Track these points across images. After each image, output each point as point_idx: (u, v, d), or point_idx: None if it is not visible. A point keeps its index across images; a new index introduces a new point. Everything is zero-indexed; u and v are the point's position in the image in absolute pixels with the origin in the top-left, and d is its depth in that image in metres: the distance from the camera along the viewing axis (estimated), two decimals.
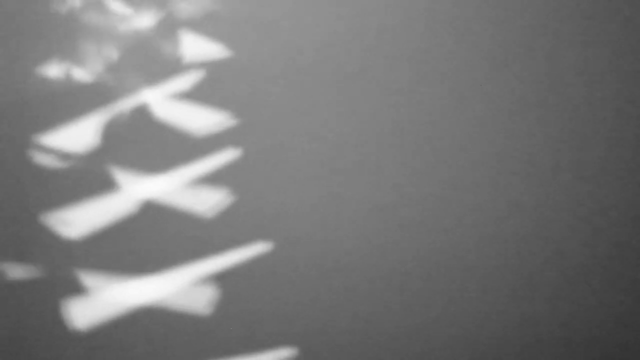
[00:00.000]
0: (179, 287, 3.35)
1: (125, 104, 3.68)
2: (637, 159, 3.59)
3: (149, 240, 3.44)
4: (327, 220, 3.50)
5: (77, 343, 3.30)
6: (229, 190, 3.52)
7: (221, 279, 3.36)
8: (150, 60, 3.75)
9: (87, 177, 3.54)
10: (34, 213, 3.46)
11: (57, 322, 3.32)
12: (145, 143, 3.61)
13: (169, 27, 3.80)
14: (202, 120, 3.63)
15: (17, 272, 3.37)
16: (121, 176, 3.54)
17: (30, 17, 3.80)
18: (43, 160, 3.56)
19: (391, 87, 3.74)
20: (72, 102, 3.68)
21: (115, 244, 3.43)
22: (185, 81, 3.70)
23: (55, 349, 3.30)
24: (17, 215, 3.46)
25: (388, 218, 3.50)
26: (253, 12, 3.83)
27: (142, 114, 3.68)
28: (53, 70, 3.71)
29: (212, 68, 3.73)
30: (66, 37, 3.77)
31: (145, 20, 3.81)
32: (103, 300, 3.32)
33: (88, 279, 3.36)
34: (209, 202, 3.48)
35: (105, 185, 3.53)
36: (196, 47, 3.77)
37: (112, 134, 3.63)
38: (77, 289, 3.36)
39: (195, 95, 3.71)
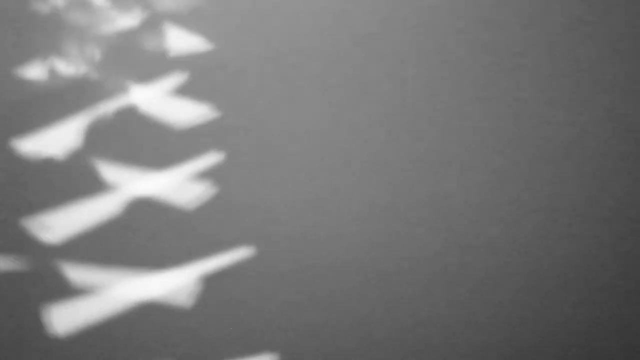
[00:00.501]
0: (162, 288, 3.34)
1: (108, 103, 3.66)
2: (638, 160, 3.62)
3: (131, 242, 3.42)
4: (313, 221, 3.49)
5: (59, 347, 3.29)
6: (213, 186, 3.51)
7: (216, 278, 3.34)
8: (135, 57, 3.76)
9: (70, 179, 3.52)
10: (14, 217, 3.45)
11: (39, 326, 3.30)
12: (129, 142, 3.59)
13: (153, 23, 3.81)
14: (187, 116, 3.63)
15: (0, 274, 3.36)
16: (105, 176, 3.52)
17: (10, 15, 3.79)
18: (24, 163, 3.54)
19: (378, 83, 3.73)
20: (54, 102, 3.66)
21: (99, 245, 3.41)
22: (169, 77, 3.71)
23: (37, 354, 3.29)
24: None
25: (376, 219, 3.49)
26: (237, 7, 3.84)
27: (126, 112, 3.65)
28: (35, 70, 3.71)
29: (197, 64, 3.73)
30: (48, 36, 3.77)
31: (128, 17, 3.81)
32: (85, 303, 3.31)
33: (70, 281, 3.34)
34: (193, 198, 3.47)
35: (89, 186, 3.51)
36: (180, 42, 3.78)
37: (96, 133, 3.60)
38: (59, 292, 3.33)
39: (180, 91, 3.70)
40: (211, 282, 3.36)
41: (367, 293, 3.38)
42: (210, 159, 3.57)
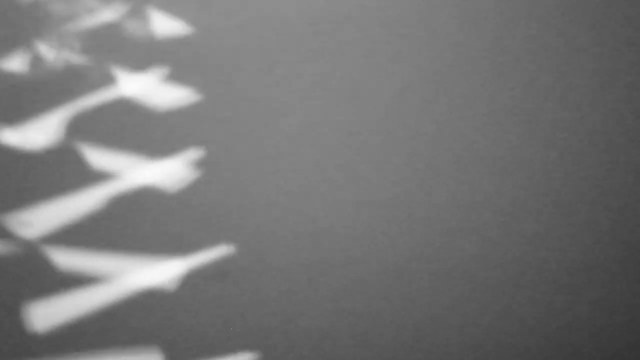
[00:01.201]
0: (140, 288, 3.33)
1: (92, 92, 3.66)
2: (637, 160, 3.62)
3: (114, 232, 3.41)
4: (299, 216, 3.47)
5: (38, 346, 3.27)
6: (198, 175, 3.51)
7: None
8: (117, 45, 3.78)
9: (53, 171, 3.51)
10: None
11: (18, 325, 3.28)
12: (112, 131, 3.59)
13: (135, 10, 3.82)
14: (171, 103, 3.63)
15: None
16: (87, 167, 3.51)
17: None
18: (6, 156, 3.53)
19: (373, 76, 3.72)
20: (37, 93, 3.67)
21: (80, 238, 3.38)
22: (153, 64, 3.72)
23: (15, 354, 3.28)
24: None
25: (364, 216, 3.47)
26: None
27: (109, 100, 3.65)
28: (17, 61, 3.71)
29: (181, 49, 3.74)
30: (31, 27, 3.77)
31: (109, 5, 3.82)
32: (65, 302, 3.29)
33: (52, 275, 3.31)
34: (177, 188, 3.46)
35: (72, 178, 3.50)
36: (164, 28, 3.79)
37: (80, 122, 3.60)
38: (39, 290, 3.30)
39: (165, 78, 3.71)
40: (193, 278, 3.35)
41: (353, 290, 3.36)
42: (194, 148, 3.57)
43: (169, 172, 3.50)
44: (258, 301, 3.32)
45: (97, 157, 3.54)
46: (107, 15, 3.78)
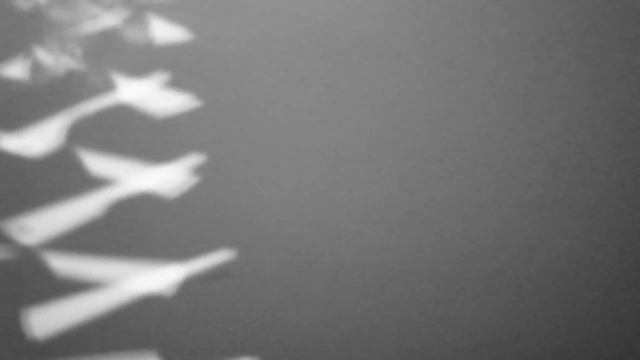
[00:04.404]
0: (143, 287, 3.32)
1: (92, 99, 3.66)
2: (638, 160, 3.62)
3: (113, 239, 3.40)
4: (299, 220, 3.47)
5: (37, 352, 3.26)
6: (197, 182, 3.50)
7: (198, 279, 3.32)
8: (117, 51, 3.77)
9: (53, 177, 3.51)
10: None
11: (17, 332, 3.28)
12: (112, 137, 3.59)
13: (135, 16, 3.82)
14: (171, 110, 3.63)
15: None
16: (88, 173, 3.51)
17: None
18: (6, 162, 3.52)
19: (372, 76, 3.72)
20: (37, 100, 3.66)
21: (80, 244, 3.38)
22: (153, 71, 3.71)
23: (16, 357, 3.27)
24: None
25: (365, 219, 3.47)
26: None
27: (109, 107, 3.65)
28: (17, 67, 3.70)
29: (181, 55, 3.74)
30: (31, 33, 3.76)
31: (110, 12, 3.81)
32: (65, 307, 3.28)
33: (52, 281, 3.31)
34: (177, 194, 3.45)
35: (72, 184, 3.50)
36: (164, 35, 3.78)
37: (80, 129, 3.60)
38: (39, 296, 3.30)
39: (164, 84, 3.71)
40: (193, 283, 3.34)
41: (353, 294, 3.36)
42: (194, 154, 3.56)
43: (168, 177, 3.49)
44: (258, 306, 3.32)
45: (97, 162, 3.53)
46: (108, 21, 3.77)
